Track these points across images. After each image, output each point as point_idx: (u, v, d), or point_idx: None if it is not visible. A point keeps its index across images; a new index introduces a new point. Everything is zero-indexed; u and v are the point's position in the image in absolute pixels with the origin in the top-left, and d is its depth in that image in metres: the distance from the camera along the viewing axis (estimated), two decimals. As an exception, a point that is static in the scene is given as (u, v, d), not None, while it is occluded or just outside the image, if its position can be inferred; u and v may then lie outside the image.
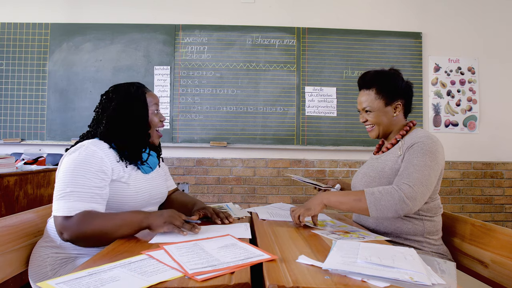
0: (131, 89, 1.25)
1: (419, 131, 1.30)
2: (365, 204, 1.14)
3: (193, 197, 1.47)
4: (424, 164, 1.17)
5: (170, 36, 3.19)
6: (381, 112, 1.34)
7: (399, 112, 1.35)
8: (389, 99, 1.33)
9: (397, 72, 1.37)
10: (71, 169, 1.07)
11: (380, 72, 1.37)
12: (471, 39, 3.31)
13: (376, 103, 1.34)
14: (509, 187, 3.29)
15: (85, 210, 1.03)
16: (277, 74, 3.20)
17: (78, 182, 1.05)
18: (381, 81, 1.34)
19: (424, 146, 1.20)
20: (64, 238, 1.03)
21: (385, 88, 1.33)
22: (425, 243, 1.24)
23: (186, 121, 3.17)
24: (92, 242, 1.04)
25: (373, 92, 1.34)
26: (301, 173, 3.23)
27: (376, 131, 1.37)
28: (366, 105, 1.35)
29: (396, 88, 1.33)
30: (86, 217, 1.01)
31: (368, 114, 1.36)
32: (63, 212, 1.02)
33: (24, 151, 2.44)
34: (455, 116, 3.29)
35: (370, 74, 1.37)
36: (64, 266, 1.12)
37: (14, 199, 1.86)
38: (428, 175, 1.16)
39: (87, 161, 1.08)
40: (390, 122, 1.35)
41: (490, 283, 1.17)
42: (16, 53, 3.17)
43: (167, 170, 1.49)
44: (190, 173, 3.20)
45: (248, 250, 0.89)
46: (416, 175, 1.15)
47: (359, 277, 0.73)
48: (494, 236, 1.18)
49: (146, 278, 0.70)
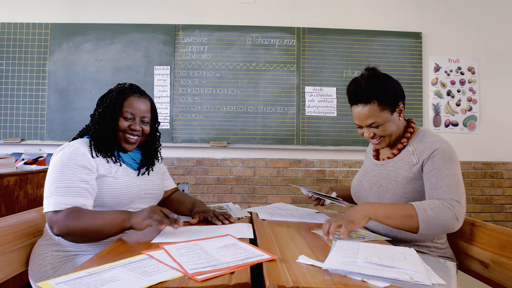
0: (115, 89, 1.27)
1: (427, 134, 1.24)
2: (417, 222, 1.05)
3: (193, 197, 1.47)
4: (454, 173, 1.13)
5: (170, 36, 3.19)
6: (389, 122, 1.22)
7: (402, 115, 1.26)
8: (393, 106, 1.22)
9: (385, 75, 1.26)
10: (57, 167, 1.11)
11: (369, 79, 1.22)
12: (471, 39, 3.31)
13: (383, 116, 1.20)
14: (509, 187, 3.29)
15: (73, 205, 1.06)
16: (277, 74, 3.20)
17: (63, 178, 1.09)
18: (381, 91, 1.20)
19: (446, 153, 1.15)
20: (54, 233, 1.07)
21: (386, 96, 1.20)
22: (433, 248, 1.23)
23: (186, 121, 3.17)
24: (80, 239, 1.08)
25: (375, 105, 1.20)
26: (301, 173, 3.23)
27: (385, 143, 1.27)
28: (372, 121, 1.21)
29: (396, 92, 1.23)
30: (73, 214, 1.05)
31: (377, 129, 1.23)
32: (52, 207, 1.05)
33: (24, 151, 2.45)
34: (455, 116, 3.29)
35: (363, 85, 1.21)
36: (64, 264, 1.13)
37: (14, 199, 1.86)
38: (462, 186, 1.12)
39: (71, 158, 1.12)
40: (397, 128, 1.26)
41: (490, 283, 1.17)
42: (16, 53, 3.17)
43: (165, 170, 1.49)
44: (190, 173, 3.20)
45: (248, 250, 0.89)
46: (456, 187, 1.10)
47: (359, 277, 0.73)
48: (494, 236, 1.18)
49: (146, 278, 0.70)
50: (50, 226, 1.08)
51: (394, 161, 1.27)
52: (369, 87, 1.20)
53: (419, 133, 1.27)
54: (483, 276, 1.19)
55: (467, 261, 1.28)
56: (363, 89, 1.21)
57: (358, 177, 1.43)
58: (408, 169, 1.21)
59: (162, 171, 1.45)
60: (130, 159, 1.29)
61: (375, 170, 1.34)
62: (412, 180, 1.20)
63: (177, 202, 1.43)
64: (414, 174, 1.20)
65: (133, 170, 1.28)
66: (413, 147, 1.24)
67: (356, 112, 1.24)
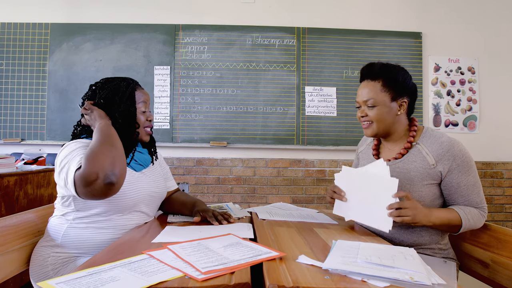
0: (121, 84, 1.23)
1: (435, 133, 1.22)
2: (458, 229, 1.15)
3: (193, 197, 1.47)
4: (477, 178, 1.19)
5: (170, 36, 3.19)
6: (384, 108, 1.20)
7: (403, 111, 1.23)
8: (396, 94, 1.20)
9: (402, 68, 1.27)
10: (66, 155, 1.08)
11: (388, 64, 1.25)
12: (471, 39, 3.31)
13: (381, 96, 1.20)
14: (509, 187, 3.29)
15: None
16: (277, 74, 3.20)
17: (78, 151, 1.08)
18: (390, 73, 1.21)
19: (466, 159, 1.16)
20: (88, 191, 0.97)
21: (393, 81, 1.20)
22: (437, 249, 1.23)
23: (186, 121, 3.17)
24: (109, 167, 0.99)
25: (379, 84, 1.21)
26: (301, 173, 3.23)
27: (373, 129, 1.23)
28: (369, 97, 1.21)
29: (405, 84, 1.22)
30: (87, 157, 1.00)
31: (370, 109, 1.21)
32: (77, 166, 1.01)
33: (24, 151, 2.45)
34: (455, 116, 3.29)
35: (378, 64, 1.24)
36: (65, 265, 1.13)
37: (14, 199, 1.86)
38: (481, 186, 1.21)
39: (79, 148, 1.10)
40: (392, 120, 1.22)
41: (490, 283, 1.17)
42: (16, 53, 3.17)
43: (168, 170, 1.48)
44: (190, 173, 3.20)
45: (255, 248, 0.89)
46: (481, 192, 1.19)
47: (359, 277, 0.73)
48: (494, 236, 1.18)
49: (146, 278, 0.70)
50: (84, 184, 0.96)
51: (404, 162, 1.23)
52: (381, 68, 1.24)
53: (426, 132, 1.23)
54: (483, 276, 1.20)
55: (468, 261, 1.28)
56: (375, 68, 1.25)
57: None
58: (423, 171, 1.18)
59: (165, 172, 1.45)
60: (142, 158, 1.29)
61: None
62: (429, 184, 1.18)
63: (178, 202, 1.42)
64: (431, 176, 1.17)
65: (135, 171, 1.25)
66: (424, 147, 1.20)
67: (360, 88, 1.26)
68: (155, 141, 1.39)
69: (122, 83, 1.24)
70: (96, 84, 1.26)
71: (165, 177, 1.43)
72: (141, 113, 1.25)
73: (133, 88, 1.25)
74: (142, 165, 1.28)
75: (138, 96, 1.25)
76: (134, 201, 1.20)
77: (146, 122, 1.26)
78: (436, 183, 1.19)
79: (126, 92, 1.21)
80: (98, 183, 0.96)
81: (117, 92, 1.21)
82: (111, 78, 1.27)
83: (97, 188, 0.97)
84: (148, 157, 1.32)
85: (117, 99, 1.20)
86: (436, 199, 1.20)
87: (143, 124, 1.25)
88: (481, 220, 1.18)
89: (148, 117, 1.27)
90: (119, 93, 1.21)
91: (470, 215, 1.15)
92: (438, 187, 1.20)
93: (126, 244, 0.96)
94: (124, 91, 1.21)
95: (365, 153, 1.43)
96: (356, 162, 1.53)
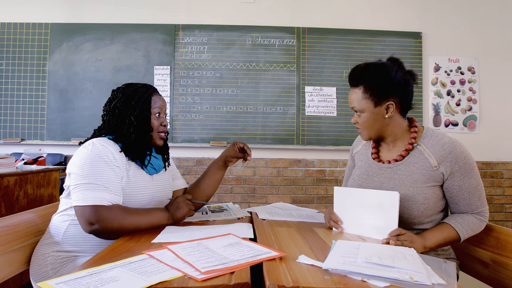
0: (140, 89, 1.26)
1: (436, 133, 1.19)
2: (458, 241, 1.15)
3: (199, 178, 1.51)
4: (479, 181, 1.18)
5: (170, 36, 3.19)
6: (370, 114, 1.16)
7: (392, 113, 1.16)
8: (379, 99, 1.14)
9: (393, 63, 1.19)
10: (88, 163, 1.09)
11: (370, 65, 1.18)
12: (471, 39, 3.31)
13: (363, 104, 1.15)
14: (509, 187, 3.29)
15: (117, 203, 1.09)
16: (277, 74, 3.20)
17: (100, 174, 1.08)
18: (370, 77, 1.14)
19: (468, 161, 1.15)
20: (92, 229, 1.04)
21: (373, 85, 1.14)
22: (440, 250, 1.23)
23: (186, 121, 3.17)
24: (116, 235, 1.08)
25: (360, 91, 1.16)
26: (301, 173, 3.23)
27: (365, 135, 1.22)
28: (353, 105, 1.18)
29: (387, 85, 1.14)
30: (125, 211, 1.08)
31: (358, 116, 1.19)
32: (93, 201, 1.04)
33: (24, 151, 2.45)
34: (455, 116, 3.29)
35: (359, 68, 1.18)
36: (65, 265, 1.13)
37: (14, 199, 1.86)
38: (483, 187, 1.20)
39: (104, 156, 1.12)
40: (382, 124, 1.18)
41: (490, 283, 1.17)
42: (16, 53, 3.17)
43: (175, 168, 1.48)
44: (190, 173, 3.20)
45: (255, 248, 0.89)
46: (483, 195, 1.18)
47: (359, 277, 0.72)
48: (494, 236, 1.18)
49: (146, 278, 0.70)
50: (88, 222, 1.03)
51: (405, 163, 1.19)
52: (361, 72, 1.17)
53: (427, 133, 1.20)
54: (483, 276, 1.20)
55: (468, 261, 1.28)
56: (356, 73, 1.18)
57: (358, 181, 1.30)
58: (426, 173, 1.15)
59: (171, 170, 1.45)
60: (157, 163, 1.29)
61: (382, 174, 1.23)
62: (432, 186, 1.16)
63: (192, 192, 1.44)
64: (434, 178, 1.15)
65: (149, 175, 1.27)
66: (426, 148, 1.18)
67: (349, 95, 1.23)
68: (168, 147, 1.39)
69: (140, 89, 1.27)
70: (118, 88, 1.29)
71: (173, 176, 1.44)
72: (155, 118, 1.26)
73: (150, 93, 1.27)
74: (156, 169, 1.29)
75: (154, 101, 1.27)
76: (140, 205, 1.21)
77: (160, 127, 1.27)
78: (438, 185, 1.18)
79: (143, 97, 1.24)
80: (93, 227, 1.04)
81: (134, 96, 1.24)
82: (132, 83, 1.30)
83: (88, 229, 1.05)
84: (161, 163, 1.33)
85: (133, 103, 1.23)
86: (439, 200, 1.19)
87: (156, 128, 1.27)
88: (481, 226, 1.17)
89: (163, 122, 1.28)
90: (136, 97, 1.24)
91: (466, 225, 1.14)
92: (440, 189, 1.19)
93: (126, 244, 0.96)
94: (141, 96, 1.24)
95: (361, 154, 1.37)
96: (351, 163, 1.44)
